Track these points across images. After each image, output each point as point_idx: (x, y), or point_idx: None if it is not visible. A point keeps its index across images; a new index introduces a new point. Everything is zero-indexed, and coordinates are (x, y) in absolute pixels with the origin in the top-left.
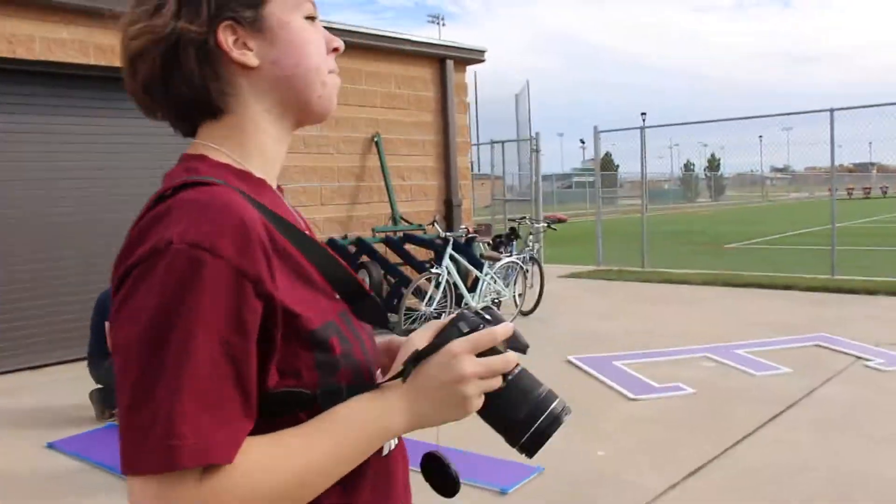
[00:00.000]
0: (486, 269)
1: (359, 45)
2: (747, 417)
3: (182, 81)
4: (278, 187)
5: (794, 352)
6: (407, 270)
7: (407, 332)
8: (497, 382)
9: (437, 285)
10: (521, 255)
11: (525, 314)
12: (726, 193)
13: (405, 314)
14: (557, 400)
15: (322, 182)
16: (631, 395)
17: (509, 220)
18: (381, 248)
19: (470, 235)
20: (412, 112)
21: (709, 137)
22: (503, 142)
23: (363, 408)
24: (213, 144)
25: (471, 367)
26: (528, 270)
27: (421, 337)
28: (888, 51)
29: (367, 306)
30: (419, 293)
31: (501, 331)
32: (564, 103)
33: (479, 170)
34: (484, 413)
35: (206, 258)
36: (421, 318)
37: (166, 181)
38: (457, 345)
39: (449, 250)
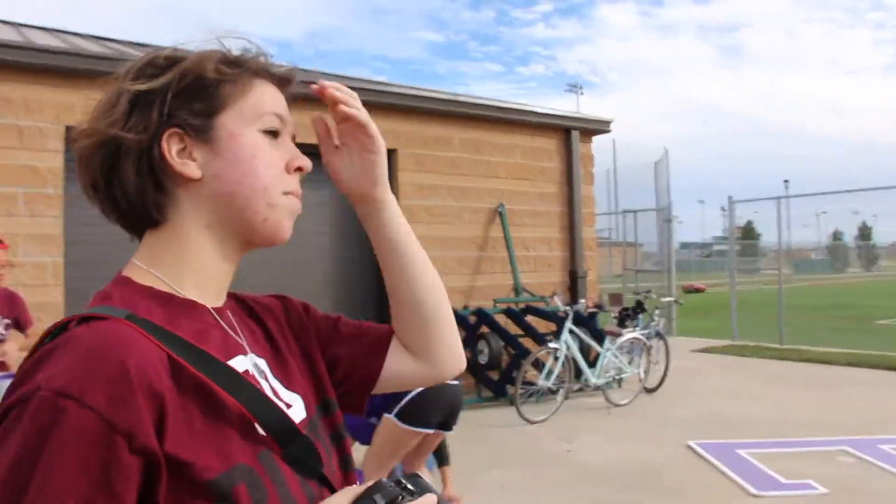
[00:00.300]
0: (607, 344)
1: (484, 118)
2: None
3: (119, 188)
4: (228, 300)
5: None
6: (528, 343)
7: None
8: None
9: (556, 359)
10: (646, 331)
11: (649, 391)
12: (879, 263)
13: (522, 387)
14: None
15: (444, 251)
16: (753, 491)
17: (634, 293)
18: (502, 319)
19: (591, 310)
20: (537, 183)
21: (859, 204)
22: (635, 211)
23: None
24: (143, 263)
25: None
26: (651, 346)
27: None
28: None
29: (297, 447)
30: (539, 366)
31: None
32: (706, 170)
33: (616, 237)
34: None
35: (71, 408)
36: (538, 392)
37: (92, 301)
38: None
39: (568, 324)
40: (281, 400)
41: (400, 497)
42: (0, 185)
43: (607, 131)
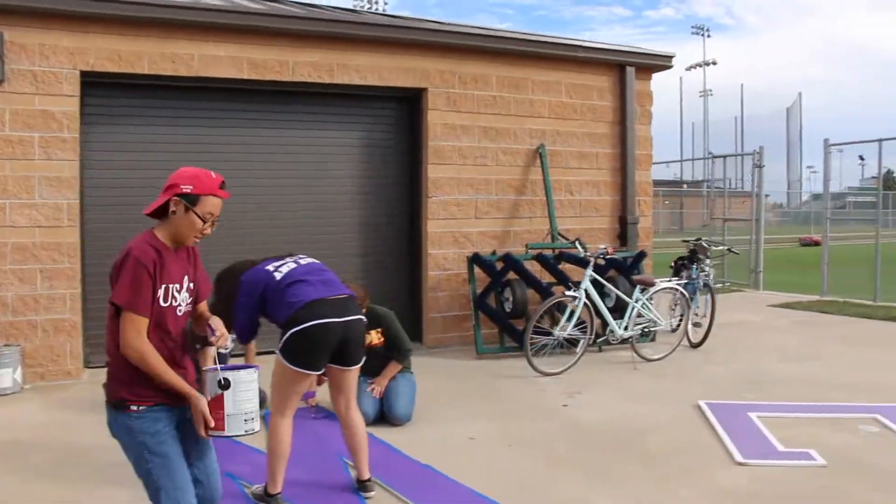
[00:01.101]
0: (636, 294)
1: (524, 53)
2: None
3: None
4: None
5: None
6: (561, 291)
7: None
8: None
9: (573, 310)
10: (686, 281)
11: (694, 346)
12: None
13: (538, 338)
14: None
15: (476, 194)
16: (739, 458)
17: (683, 241)
18: (534, 266)
19: (610, 256)
20: (585, 122)
21: None
22: (724, 156)
23: None
24: None
25: None
26: (692, 298)
27: None
28: None
29: None
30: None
31: None
32: (849, 117)
33: (739, 187)
34: None
35: None
36: (554, 343)
37: None
38: None
39: (589, 271)
40: None
41: None
42: (16, 130)
43: (668, 67)
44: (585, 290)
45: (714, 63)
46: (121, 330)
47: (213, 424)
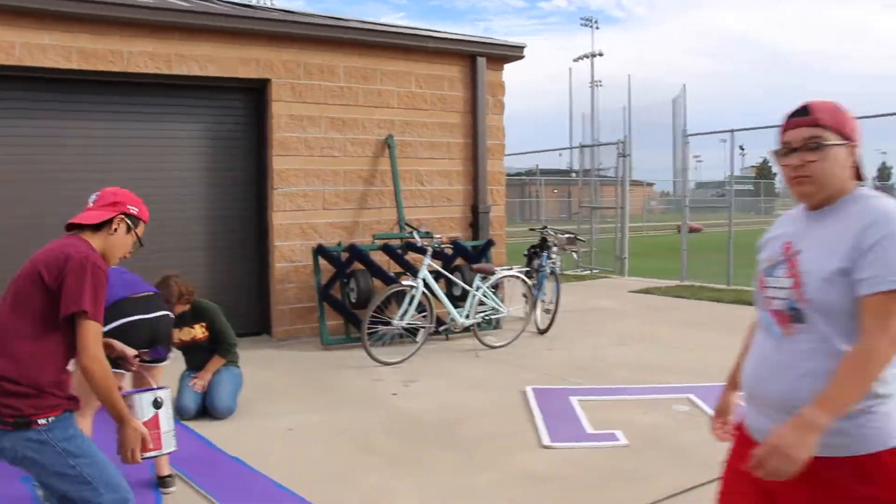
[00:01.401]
0: (476, 282)
1: (372, 44)
2: (670, 483)
3: None
4: None
5: None
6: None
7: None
8: None
9: (412, 299)
10: (537, 269)
11: (542, 333)
12: None
13: (373, 328)
14: None
15: (324, 185)
16: (546, 441)
17: (530, 229)
18: (381, 257)
19: (444, 245)
20: (435, 113)
21: (888, 143)
22: (591, 146)
23: None
24: None
25: None
26: (533, 285)
27: None
28: None
29: None
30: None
31: None
32: (735, 109)
33: (631, 176)
34: None
35: None
36: (393, 332)
37: None
38: None
39: (427, 260)
40: None
41: None
42: None
43: (520, 57)
44: (424, 279)
45: (601, 54)
46: (82, 340)
47: (152, 446)
